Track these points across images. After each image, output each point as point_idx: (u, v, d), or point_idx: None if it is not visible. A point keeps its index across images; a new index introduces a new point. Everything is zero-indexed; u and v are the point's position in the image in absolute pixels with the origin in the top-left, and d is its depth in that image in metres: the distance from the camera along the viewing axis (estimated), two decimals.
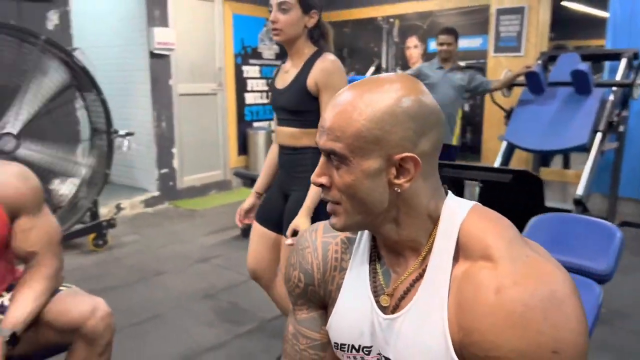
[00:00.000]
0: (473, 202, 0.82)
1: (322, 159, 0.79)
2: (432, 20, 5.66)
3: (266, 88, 6.24)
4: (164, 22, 4.98)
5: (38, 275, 1.51)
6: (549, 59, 4.41)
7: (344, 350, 0.89)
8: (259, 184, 2.17)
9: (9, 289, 1.56)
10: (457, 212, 0.79)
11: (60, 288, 1.59)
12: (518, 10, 4.89)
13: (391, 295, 0.82)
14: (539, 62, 4.30)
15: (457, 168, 3.35)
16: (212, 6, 5.51)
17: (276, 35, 1.85)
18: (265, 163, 2.17)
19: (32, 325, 1.47)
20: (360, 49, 6.25)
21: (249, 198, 2.18)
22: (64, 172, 3.93)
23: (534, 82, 4.03)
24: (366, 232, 0.89)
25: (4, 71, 3.55)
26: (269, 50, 6.21)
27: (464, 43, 5.12)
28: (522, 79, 4.12)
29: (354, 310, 0.86)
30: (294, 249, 0.98)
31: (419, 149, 0.76)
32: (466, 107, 5.34)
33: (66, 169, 3.92)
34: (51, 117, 3.80)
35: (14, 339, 1.39)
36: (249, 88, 6.03)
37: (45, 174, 3.72)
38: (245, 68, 5.93)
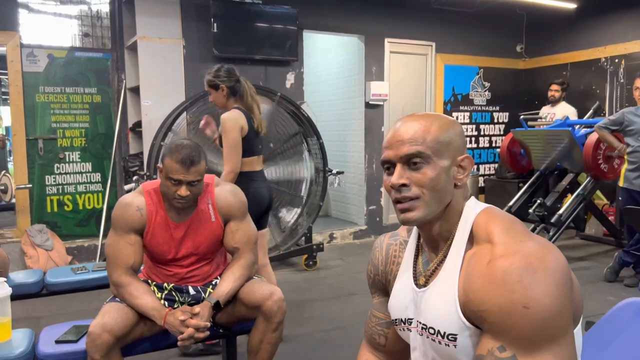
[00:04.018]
0: (487, 204, 1.05)
1: (398, 167, 1.03)
2: None
3: (476, 133, 6.39)
4: (379, 76, 5.64)
5: (238, 265, 2.09)
6: None
7: (397, 324, 1.15)
8: None
9: (221, 274, 2.18)
10: (473, 209, 1.03)
11: (254, 277, 2.15)
12: None
13: (426, 276, 1.07)
14: None
15: None
16: (425, 59, 6.00)
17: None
18: None
19: (231, 301, 2.04)
20: (580, 92, 5.95)
21: None
22: (289, 203, 4.78)
23: None
24: (413, 233, 1.16)
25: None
26: (480, 97, 6.38)
27: None
28: None
29: (401, 291, 1.13)
30: (372, 249, 1.30)
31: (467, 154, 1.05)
32: None
33: (291, 201, 4.75)
34: (283, 157, 4.70)
35: (217, 306, 1.97)
36: None
37: (276, 204, 4.59)
38: (455, 114, 6.21)
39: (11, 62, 4.45)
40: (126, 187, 4.52)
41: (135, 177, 4.43)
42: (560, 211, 4.54)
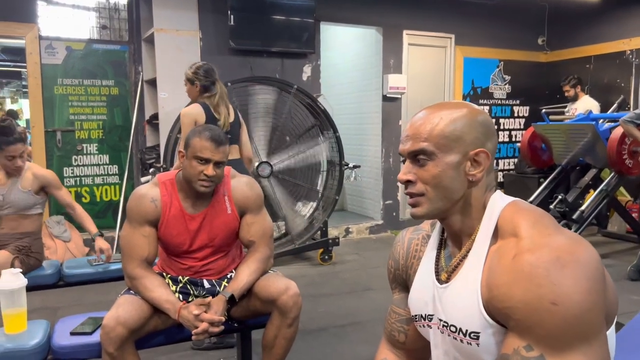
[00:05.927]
0: (513, 198, 0.99)
1: (407, 162, 1.01)
2: None
3: (496, 127, 6.28)
4: (397, 69, 5.57)
5: (253, 258, 2.06)
6: None
7: (417, 320, 1.11)
8: None
9: (236, 268, 2.15)
10: (499, 202, 0.97)
11: (269, 271, 2.12)
12: None
13: (448, 272, 1.03)
14: None
15: None
16: (444, 52, 5.90)
17: None
18: None
19: (245, 295, 2.01)
20: (604, 85, 5.81)
21: None
22: (305, 197, 4.74)
23: None
24: (437, 227, 1.11)
25: (269, 113, 4.52)
26: (500, 90, 6.27)
27: None
28: None
29: (422, 286, 1.09)
30: (393, 243, 1.25)
31: (487, 147, 0.98)
32: None
33: (307, 194, 4.71)
34: (299, 150, 4.66)
35: (232, 300, 1.95)
36: None
37: (291, 197, 4.56)
38: None
39: (30, 54, 4.47)
40: (143, 180, 4.53)
41: (151, 170, 4.44)
42: (582, 207, 4.44)
